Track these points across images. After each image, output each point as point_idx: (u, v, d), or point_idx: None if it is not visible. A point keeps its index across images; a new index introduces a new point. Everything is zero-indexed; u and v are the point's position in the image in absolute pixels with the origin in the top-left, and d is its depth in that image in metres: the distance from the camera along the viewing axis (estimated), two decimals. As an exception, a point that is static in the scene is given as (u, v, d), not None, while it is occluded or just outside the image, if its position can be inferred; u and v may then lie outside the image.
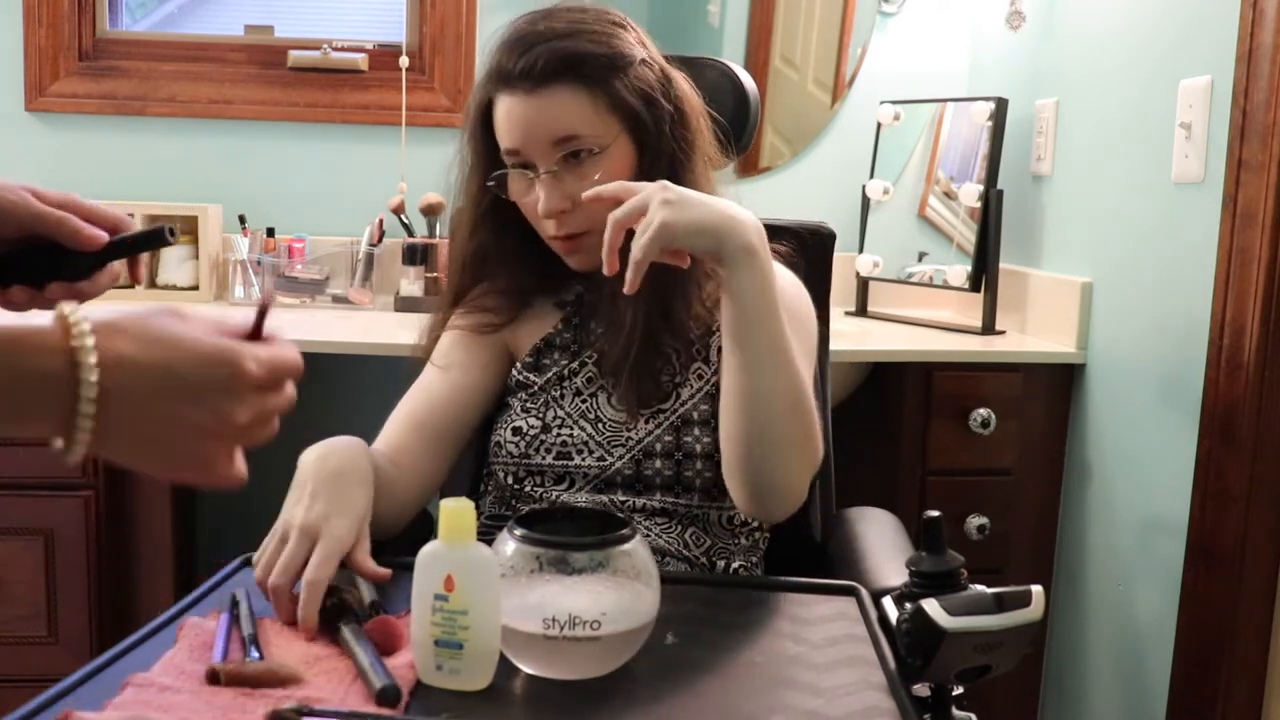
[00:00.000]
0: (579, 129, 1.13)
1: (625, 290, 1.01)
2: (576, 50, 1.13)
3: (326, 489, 0.97)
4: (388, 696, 0.78)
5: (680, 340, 1.20)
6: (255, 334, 0.69)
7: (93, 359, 0.61)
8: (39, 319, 0.63)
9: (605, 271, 1.04)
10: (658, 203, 1.00)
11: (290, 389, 0.69)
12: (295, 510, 0.96)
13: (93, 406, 0.61)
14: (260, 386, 0.67)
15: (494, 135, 1.18)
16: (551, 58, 1.12)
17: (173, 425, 0.64)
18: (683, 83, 1.21)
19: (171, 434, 0.65)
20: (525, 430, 1.21)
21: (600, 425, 1.20)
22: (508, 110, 1.15)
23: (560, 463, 1.20)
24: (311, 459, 1.01)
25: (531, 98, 1.13)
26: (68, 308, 0.63)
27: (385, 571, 0.95)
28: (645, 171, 1.16)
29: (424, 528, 1.31)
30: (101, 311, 0.65)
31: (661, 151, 1.17)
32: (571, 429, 1.21)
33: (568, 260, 1.21)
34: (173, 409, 0.64)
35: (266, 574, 0.93)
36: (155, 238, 0.86)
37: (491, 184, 1.19)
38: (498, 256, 1.26)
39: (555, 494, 1.20)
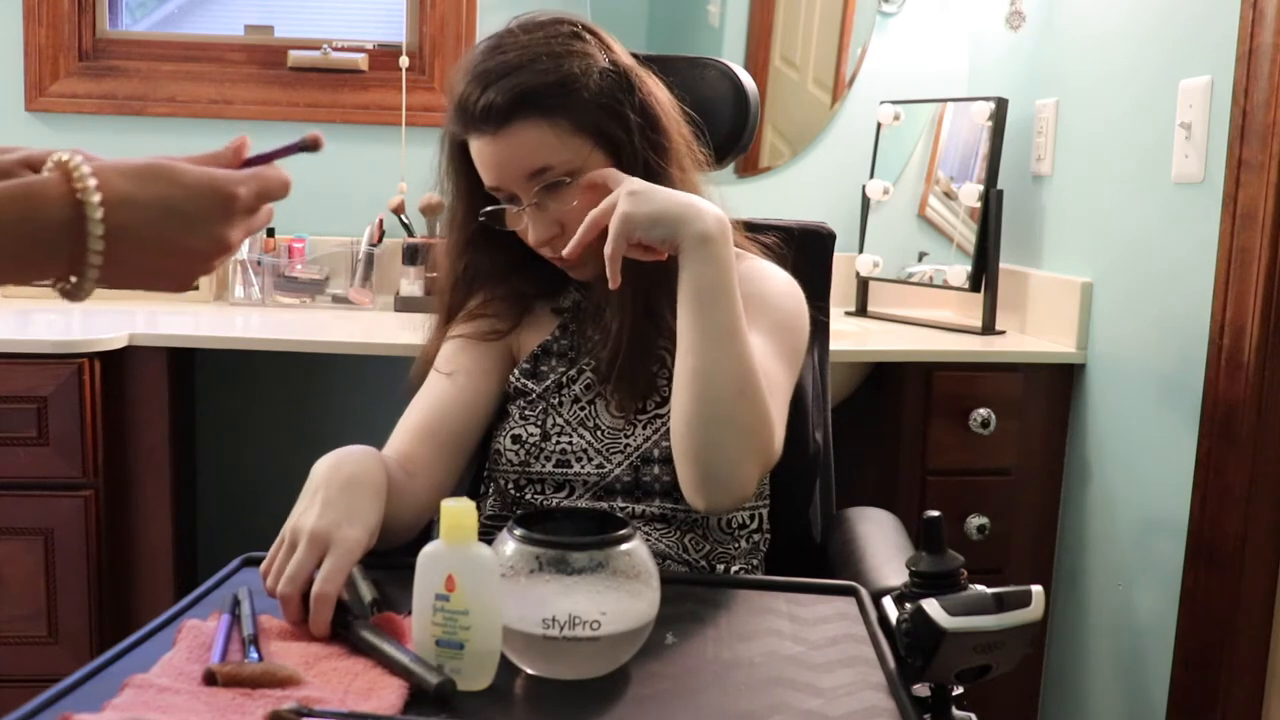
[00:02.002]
0: (548, 160, 1.13)
1: (610, 286, 1.06)
2: (527, 85, 1.12)
3: (340, 497, 0.95)
4: (446, 690, 0.78)
5: (671, 341, 1.20)
6: (252, 162, 0.76)
7: (97, 198, 0.66)
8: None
9: (565, 254, 1.10)
10: (622, 196, 1.06)
11: (271, 205, 0.76)
12: (305, 517, 0.94)
13: (101, 244, 0.66)
14: (249, 210, 0.74)
15: (474, 167, 1.18)
16: (505, 97, 1.11)
17: (174, 253, 0.71)
18: (649, 83, 1.20)
19: (173, 261, 0.71)
20: (525, 438, 1.21)
21: (599, 433, 1.20)
22: (478, 152, 1.16)
23: (560, 470, 1.20)
24: (325, 467, 1.00)
25: (497, 139, 1.13)
26: (65, 155, 0.67)
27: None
28: None
29: (424, 528, 1.31)
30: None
31: (636, 158, 1.16)
32: (570, 436, 1.20)
33: (570, 273, 1.22)
34: (173, 238, 0.70)
35: (275, 581, 0.91)
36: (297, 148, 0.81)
37: (483, 218, 1.18)
38: (489, 273, 1.26)
39: (555, 501, 1.20)
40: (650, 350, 1.19)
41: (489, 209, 1.18)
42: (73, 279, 0.68)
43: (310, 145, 0.79)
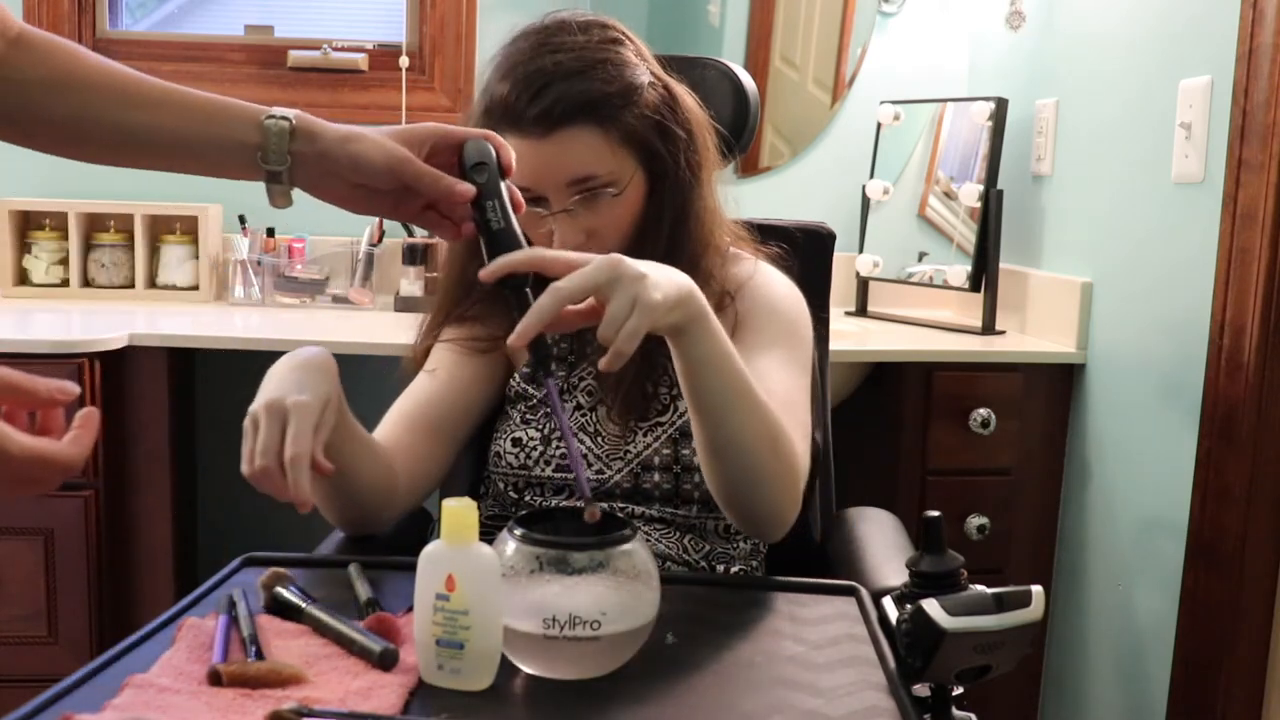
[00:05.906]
0: (595, 169, 1.11)
1: (603, 369, 0.90)
2: (591, 92, 1.09)
3: (289, 376, 0.96)
4: (389, 657, 0.82)
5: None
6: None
7: None
8: None
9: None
10: (630, 279, 0.89)
11: (56, 478, 0.77)
12: (257, 401, 0.94)
13: None
14: (18, 480, 0.74)
15: None
16: (568, 103, 1.08)
17: None
18: (685, 96, 1.19)
19: None
20: (525, 442, 1.21)
21: (599, 438, 1.20)
22: (519, 152, 1.10)
23: (560, 475, 1.20)
24: (277, 364, 1.00)
25: (545, 142, 1.10)
26: None
27: (328, 466, 0.94)
28: (657, 199, 1.15)
29: (425, 528, 1.31)
30: None
31: (678, 179, 1.15)
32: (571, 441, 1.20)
33: None
34: None
35: (250, 465, 0.91)
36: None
37: None
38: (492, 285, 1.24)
39: (555, 504, 1.20)
40: (652, 361, 1.19)
41: None
42: None
43: (584, 513, 0.89)
